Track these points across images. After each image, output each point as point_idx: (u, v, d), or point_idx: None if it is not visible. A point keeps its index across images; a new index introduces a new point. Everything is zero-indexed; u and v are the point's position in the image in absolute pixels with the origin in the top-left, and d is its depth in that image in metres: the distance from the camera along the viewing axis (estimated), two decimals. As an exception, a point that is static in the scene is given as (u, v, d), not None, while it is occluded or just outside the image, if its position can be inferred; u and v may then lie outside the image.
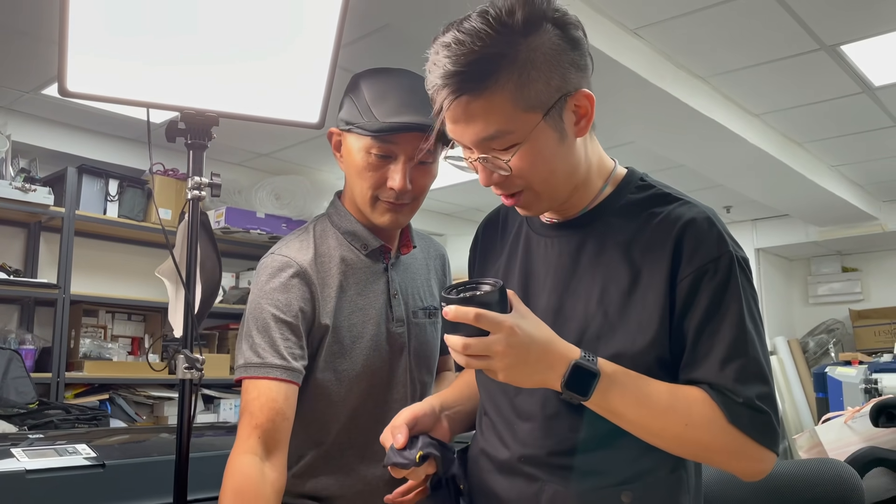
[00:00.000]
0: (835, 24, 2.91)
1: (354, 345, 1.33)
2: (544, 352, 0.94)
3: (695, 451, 0.99)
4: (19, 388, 3.12)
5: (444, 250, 1.60)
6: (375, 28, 2.83)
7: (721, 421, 0.95)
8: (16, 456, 2.02)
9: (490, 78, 0.93)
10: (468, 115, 0.96)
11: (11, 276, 3.47)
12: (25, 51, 3.04)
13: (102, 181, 3.83)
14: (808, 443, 2.60)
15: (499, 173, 1.00)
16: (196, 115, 1.21)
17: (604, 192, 1.09)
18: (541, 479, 1.03)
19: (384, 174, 1.30)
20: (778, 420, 0.98)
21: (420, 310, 1.43)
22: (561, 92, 0.96)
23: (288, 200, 4.39)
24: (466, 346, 0.93)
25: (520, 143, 0.96)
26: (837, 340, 6.29)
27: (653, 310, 1.00)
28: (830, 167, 4.83)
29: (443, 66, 0.94)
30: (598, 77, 3.02)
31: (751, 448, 0.96)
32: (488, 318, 0.91)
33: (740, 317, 0.98)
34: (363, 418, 1.35)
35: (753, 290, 1.02)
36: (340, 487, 1.34)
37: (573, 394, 0.94)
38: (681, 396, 0.97)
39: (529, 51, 0.93)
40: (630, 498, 0.99)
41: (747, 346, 0.97)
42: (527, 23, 0.93)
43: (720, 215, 1.04)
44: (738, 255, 1.01)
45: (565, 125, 0.99)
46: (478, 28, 0.92)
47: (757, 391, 0.96)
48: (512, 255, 1.16)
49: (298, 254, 1.33)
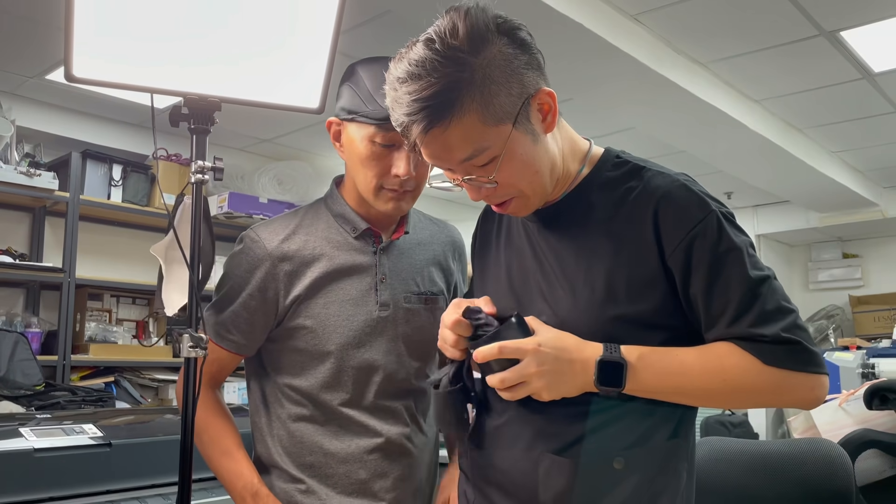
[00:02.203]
0: (834, 10, 2.92)
1: (328, 323, 1.37)
2: (572, 360, 0.99)
3: (744, 400, 1.03)
4: (26, 371, 3.16)
5: (458, 236, 1.60)
6: (376, 14, 2.84)
7: (757, 365, 0.98)
8: (24, 435, 2.06)
9: (454, 106, 0.95)
10: (443, 145, 0.99)
11: (17, 260, 3.51)
12: (30, 36, 3.07)
13: (106, 166, 3.86)
14: (803, 425, 2.64)
15: (486, 188, 1.03)
16: (199, 100, 1.24)
17: (582, 173, 1.12)
18: (536, 448, 1.06)
19: (388, 162, 1.32)
20: (812, 341, 1.00)
21: (414, 294, 1.44)
22: (523, 97, 0.99)
23: (290, 186, 4.42)
24: (503, 381, 1.00)
25: (498, 156, 1.00)
26: (837, 326, 6.31)
27: (641, 280, 1.02)
28: (831, 153, 4.83)
29: (405, 103, 0.96)
30: (599, 63, 3.06)
31: (796, 379, 0.98)
32: (510, 347, 0.99)
33: (742, 267, 1.00)
34: (339, 398, 1.38)
35: (745, 235, 1.04)
36: (324, 455, 1.38)
37: (609, 388, 0.99)
38: (711, 356, 1.00)
39: (484, 68, 0.95)
40: (622, 465, 1.02)
41: (759, 292, 1.00)
42: (472, 40, 0.95)
43: (721, 201, 1.06)
44: (721, 211, 1.03)
45: (534, 126, 1.02)
46: (428, 58, 0.94)
47: (781, 325, 0.98)
48: (507, 245, 1.20)
49: (271, 234, 1.39)
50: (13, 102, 3.61)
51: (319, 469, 1.37)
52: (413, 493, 1.42)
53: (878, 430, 2.41)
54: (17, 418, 2.28)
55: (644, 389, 1.01)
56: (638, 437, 1.04)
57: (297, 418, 1.39)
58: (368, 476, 1.37)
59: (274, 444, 1.40)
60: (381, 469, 1.38)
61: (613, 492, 1.02)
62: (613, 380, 0.99)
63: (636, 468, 1.03)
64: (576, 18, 2.72)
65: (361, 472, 1.37)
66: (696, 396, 1.03)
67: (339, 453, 1.37)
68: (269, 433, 1.42)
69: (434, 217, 1.59)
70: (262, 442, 1.43)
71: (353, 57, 1.38)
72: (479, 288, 1.24)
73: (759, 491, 1.59)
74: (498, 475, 1.11)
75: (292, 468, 1.38)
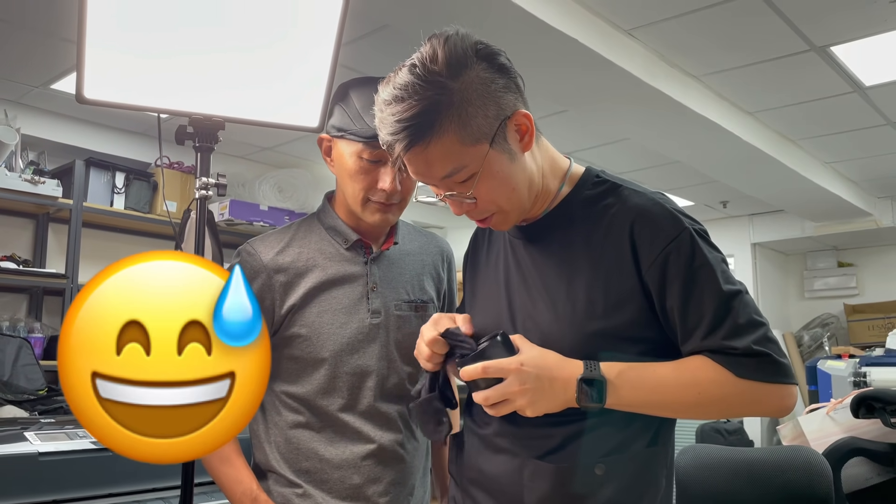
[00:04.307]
0: (823, 25, 2.98)
1: (322, 331, 1.42)
2: (553, 378, 1.04)
3: (718, 411, 1.08)
4: (29, 375, 3.21)
5: (446, 246, 1.66)
6: (374, 28, 2.89)
7: (729, 378, 1.02)
8: (29, 439, 2.11)
9: (434, 126, 1.01)
10: (425, 162, 1.05)
11: (21, 266, 3.55)
12: (35, 46, 3.12)
13: (109, 174, 3.91)
14: (792, 433, 2.69)
15: (466, 203, 1.09)
16: (204, 119, 1.29)
17: (562, 192, 1.17)
18: (521, 455, 1.11)
19: (375, 177, 1.39)
20: (781, 353, 1.04)
21: (405, 302, 1.50)
22: (499, 118, 1.05)
23: (290, 193, 4.47)
24: (487, 398, 1.06)
25: (476, 173, 1.05)
26: (832, 334, 6.36)
27: (619, 295, 1.07)
28: (825, 164, 4.89)
29: (389, 123, 1.03)
30: (594, 76, 3.12)
31: (767, 391, 1.03)
32: (494, 366, 1.05)
33: (715, 283, 1.05)
34: (335, 403, 1.43)
35: (718, 251, 1.09)
36: (320, 461, 1.42)
37: (590, 405, 1.04)
38: (686, 369, 1.05)
39: (461, 91, 1.01)
40: (603, 470, 1.07)
41: (731, 305, 1.04)
42: (450, 66, 1.01)
43: (717, 210, 1.11)
44: (694, 228, 1.08)
45: (511, 146, 1.07)
46: (411, 82, 1.01)
47: (752, 338, 1.03)
48: (495, 262, 1.25)
49: (266, 247, 1.46)
50: (18, 111, 3.66)
51: (315, 474, 1.42)
52: (406, 496, 1.47)
53: (864, 438, 2.45)
54: (21, 422, 2.33)
55: (624, 404, 1.05)
56: (618, 445, 1.08)
57: (294, 425, 1.44)
58: (362, 481, 1.42)
59: (271, 450, 1.45)
60: (374, 474, 1.43)
61: (595, 497, 1.07)
62: (594, 397, 1.03)
63: (616, 474, 1.07)
64: (571, 34, 2.77)
65: (355, 477, 1.41)
66: (673, 409, 1.08)
67: (334, 459, 1.42)
68: (266, 440, 1.46)
69: (423, 229, 1.65)
70: (260, 448, 1.47)
71: (351, 69, 1.44)
72: (469, 304, 1.30)
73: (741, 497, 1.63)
74: (484, 480, 1.16)
75: (289, 473, 1.43)
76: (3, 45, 3.11)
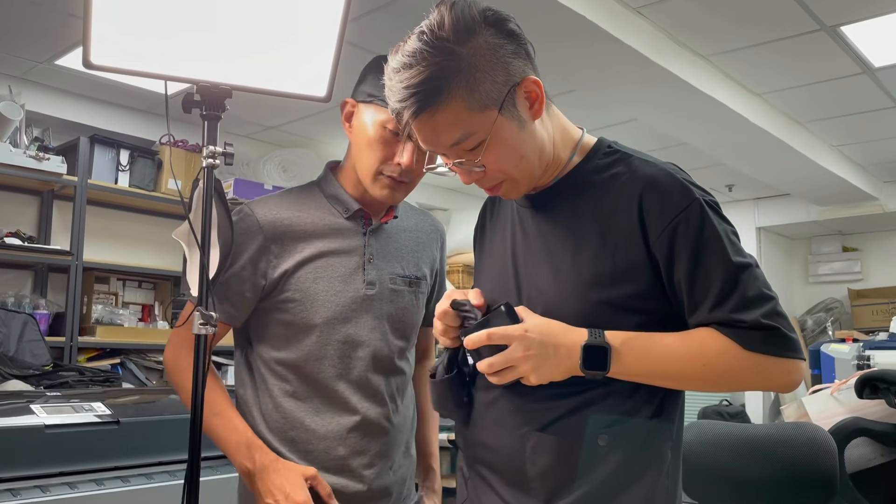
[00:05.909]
0: (834, 4, 2.95)
1: (316, 297, 1.42)
2: (558, 344, 1.04)
3: (724, 384, 1.07)
4: (34, 351, 3.23)
5: (441, 227, 1.67)
6: (384, 3, 2.87)
7: (736, 350, 1.02)
8: (35, 411, 2.12)
9: (442, 92, 1.01)
10: (433, 129, 1.04)
11: (26, 243, 3.56)
12: (40, 21, 3.11)
13: (114, 151, 3.91)
14: (796, 413, 2.69)
15: (475, 171, 1.08)
16: (211, 87, 1.28)
17: (573, 161, 1.16)
18: (524, 427, 1.11)
19: (392, 150, 1.39)
20: (790, 327, 1.04)
21: (400, 277, 1.51)
22: (508, 85, 1.04)
23: (294, 172, 4.47)
24: (491, 365, 1.06)
25: (485, 141, 1.04)
26: (836, 319, 6.35)
27: (626, 265, 1.06)
28: (831, 147, 4.86)
29: (398, 90, 1.03)
30: (601, 55, 3.10)
31: (774, 364, 1.03)
32: (499, 333, 1.04)
33: (724, 254, 1.04)
34: (326, 371, 1.43)
35: (729, 224, 1.08)
36: (305, 431, 1.42)
37: (594, 372, 1.03)
38: (692, 340, 1.04)
39: (469, 56, 1.01)
40: (605, 441, 1.07)
41: (739, 277, 1.03)
42: (457, 31, 1.01)
43: (722, 194, 1.10)
44: (705, 199, 1.07)
45: (521, 113, 1.06)
46: (419, 49, 1.00)
47: (761, 312, 1.02)
48: (502, 232, 1.24)
49: (265, 210, 1.45)
50: (23, 87, 3.65)
51: (301, 444, 1.42)
52: (390, 469, 1.48)
53: (868, 418, 2.45)
54: (27, 395, 2.34)
55: (628, 373, 1.05)
56: (621, 416, 1.08)
57: (282, 393, 1.43)
58: (347, 453, 1.42)
59: (259, 417, 1.45)
60: (359, 447, 1.43)
61: (598, 468, 1.07)
62: (598, 364, 1.03)
63: (619, 445, 1.07)
64: (579, 10, 2.75)
65: (341, 448, 1.42)
66: (678, 380, 1.07)
67: (320, 430, 1.42)
68: (255, 405, 1.46)
69: (419, 208, 1.66)
70: (249, 414, 1.47)
71: (360, 46, 1.43)
72: (478, 275, 1.29)
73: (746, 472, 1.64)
74: (488, 453, 1.16)
75: (275, 442, 1.43)
76: (7, 20, 3.10)
